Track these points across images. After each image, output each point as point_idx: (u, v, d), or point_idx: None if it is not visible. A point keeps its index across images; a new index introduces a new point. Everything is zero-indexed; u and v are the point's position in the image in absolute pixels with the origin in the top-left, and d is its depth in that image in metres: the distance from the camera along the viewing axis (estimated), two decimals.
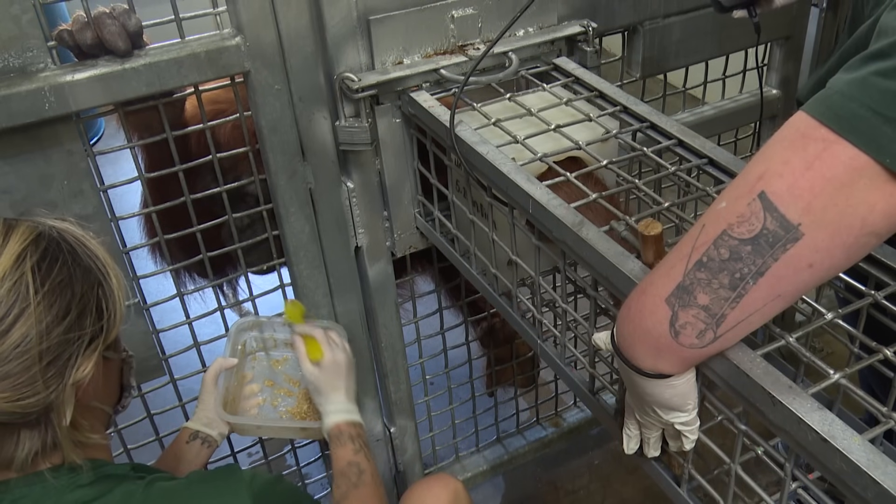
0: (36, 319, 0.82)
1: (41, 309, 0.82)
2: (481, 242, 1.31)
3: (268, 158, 1.34)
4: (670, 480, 1.02)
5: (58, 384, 0.85)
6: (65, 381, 0.85)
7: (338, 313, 1.57)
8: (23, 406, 0.82)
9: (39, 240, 0.86)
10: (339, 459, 1.24)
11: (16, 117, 1.10)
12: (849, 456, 0.68)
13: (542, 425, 2.13)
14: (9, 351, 0.80)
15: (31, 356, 0.81)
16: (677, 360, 0.80)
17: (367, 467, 1.24)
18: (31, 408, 0.83)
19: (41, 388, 0.83)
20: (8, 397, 0.81)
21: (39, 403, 0.83)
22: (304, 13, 1.25)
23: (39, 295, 0.83)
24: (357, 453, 1.25)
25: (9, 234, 0.85)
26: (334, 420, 1.29)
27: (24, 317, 0.81)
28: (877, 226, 0.69)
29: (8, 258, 0.83)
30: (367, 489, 1.22)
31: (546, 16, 1.46)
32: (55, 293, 0.84)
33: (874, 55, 0.70)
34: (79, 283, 0.88)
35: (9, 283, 0.81)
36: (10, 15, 1.07)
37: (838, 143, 0.68)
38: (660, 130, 1.20)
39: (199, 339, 1.51)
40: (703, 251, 0.74)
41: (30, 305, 0.82)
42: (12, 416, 0.82)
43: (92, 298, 0.89)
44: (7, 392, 0.81)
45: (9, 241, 0.84)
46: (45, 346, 0.82)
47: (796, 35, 1.86)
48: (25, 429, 0.85)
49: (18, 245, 0.84)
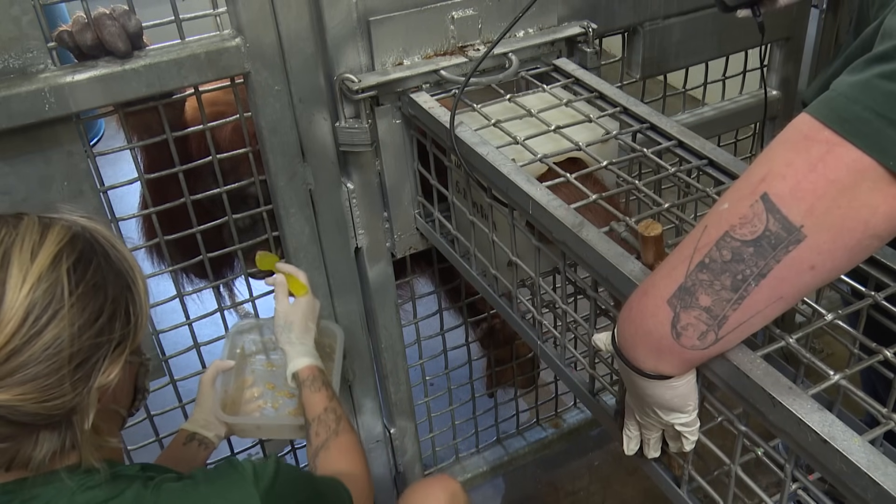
0: (69, 322, 0.81)
1: (74, 311, 0.82)
2: (481, 243, 1.31)
3: (268, 159, 1.34)
4: (670, 481, 1.02)
5: (84, 387, 0.84)
6: (91, 384, 0.85)
7: (338, 314, 1.57)
8: (48, 408, 0.82)
9: (75, 241, 0.86)
10: (315, 405, 1.20)
11: (16, 118, 1.10)
12: (849, 457, 0.68)
13: (542, 426, 2.13)
14: (39, 352, 0.80)
15: (61, 358, 0.81)
16: (679, 361, 0.80)
17: (342, 413, 1.20)
18: (56, 410, 0.82)
19: (68, 390, 0.82)
20: (34, 398, 0.80)
21: (64, 406, 0.83)
22: (304, 14, 1.25)
23: (73, 297, 0.82)
24: (332, 399, 1.21)
25: (45, 234, 0.84)
26: (307, 362, 1.23)
27: (57, 318, 0.81)
28: (879, 228, 0.69)
29: (45, 258, 0.82)
30: (347, 436, 1.18)
31: (546, 17, 1.46)
32: (89, 296, 0.84)
33: (878, 58, 0.70)
34: (111, 286, 0.87)
35: (45, 284, 0.81)
36: (11, 16, 1.07)
37: (842, 146, 0.67)
38: (660, 131, 1.20)
39: (199, 339, 1.51)
40: (706, 252, 0.74)
41: (63, 307, 0.81)
42: (35, 417, 0.82)
43: (122, 302, 0.88)
44: (34, 393, 0.80)
45: (45, 240, 0.84)
46: (75, 349, 0.82)
47: (796, 36, 1.86)
48: (46, 430, 0.85)
49: (55, 245, 0.84)
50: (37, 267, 0.82)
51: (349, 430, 1.20)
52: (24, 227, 0.85)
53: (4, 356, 0.79)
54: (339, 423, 1.19)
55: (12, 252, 0.82)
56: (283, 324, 1.27)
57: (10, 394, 0.79)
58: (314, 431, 1.19)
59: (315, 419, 1.19)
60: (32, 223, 0.85)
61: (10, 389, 0.79)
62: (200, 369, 1.52)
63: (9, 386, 0.79)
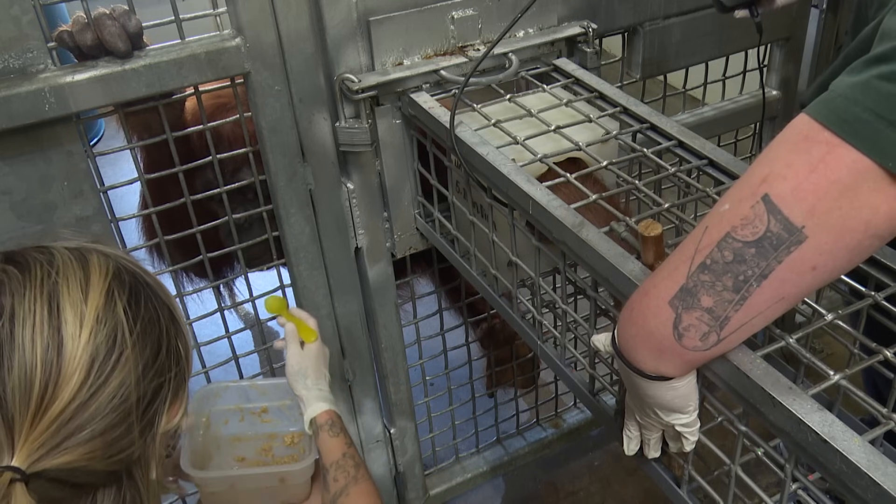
0: (133, 364, 0.73)
1: (136, 351, 0.74)
2: (481, 243, 1.31)
3: (268, 159, 1.34)
4: (670, 481, 1.02)
5: (150, 432, 0.76)
6: (155, 429, 0.77)
7: (338, 314, 1.57)
8: (113, 463, 0.72)
9: (121, 274, 0.77)
10: (333, 450, 1.16)
11: (16, 118, 1.10)
12: (849, 457, 0.68)
13: (542, 426, 2.13)
14: (106, 403, 0.70)
15: (128, 406, 0.72)
16: (680, 362, 0.80)
17: (360, 461, 1.19)
18: (119, 465, 0.73)
19: (136, 440, 0.73)
20: (100, 455, 0.70)
21: (128, 459, 0.74)
22: (304, 14, 1.25)
23: (134, 336, 0.74)
24: (350, 446, 1.19)
25: (87, 269, 0.75)
26: (324, 407, 1.19)
27: (122, 362, 0.72)
28: (880, 228, 0.69)
29: (98, 297, 0.73)
30: (366, 484, 1.16)
31: (546, 17, 1.46)
32: (147, 332, 0.76)
33: (877, 59, 0.70)
34: (162, 320, 0.79)
35: (106, 327, 0.72)
36: (11, 16, 1.07)
37: (842, 147, 0.68)
38: (660, 131, 1.20)
39: (199, 339, 1.51)
40: (707, 253, 0.74)
41: (126, 349, 0.72)
42: (97, 476, 0.72)
43: (172, 334, 0.80)
44: (101, 449, 0.70)
45: (90, 277, 0.74)
46: (141, 393, 0.74)
47: (796, 36, 1.86)
48: (103, 489, 0.74)
49: (103, 281, 0.75)
50: (92, 308, 0.72)
51: (367, 477, 1.17)
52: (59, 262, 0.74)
53: (71, 413, 0.68)
54: (359, 469, 1.16)
55: (60, 293, 0.71)
56: (296, 371, 1.24)
57: (75, 454, 0.69)
58: (332, 477, 1.15)
59: (333, 465, 1.16)
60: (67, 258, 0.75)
61: (76, 449, 0.69)
62: (200, 369, 1.52)
63: (74, 445, 0.69)
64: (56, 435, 0.68)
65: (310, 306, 1.52)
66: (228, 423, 1.34)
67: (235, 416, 1.35)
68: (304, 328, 1.28)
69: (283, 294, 1.55)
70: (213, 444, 1.32)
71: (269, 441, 1.35)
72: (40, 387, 0.67)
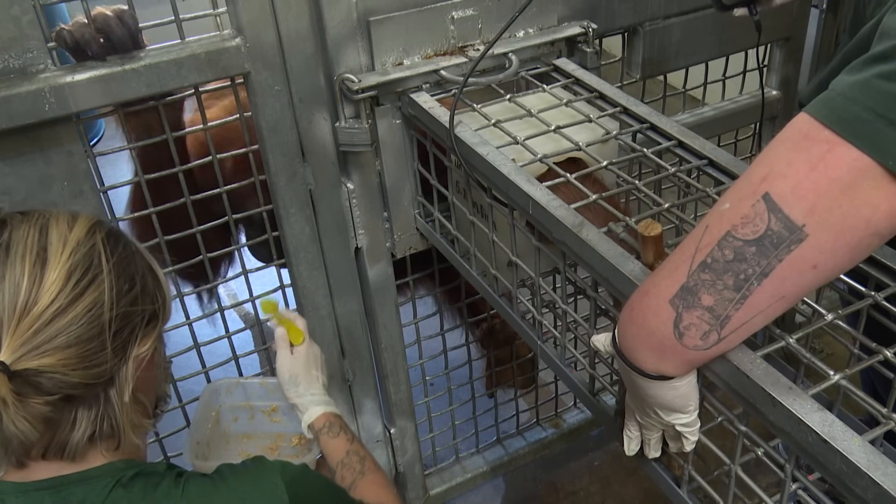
0: (108, 286, 0.84)
1: (112, 277, 0.85)
2: (481, 243, 1.31)
3: (268, 159, 1.34)
4: (670, 481, 1.02)
5: (122, 355, 0.87)
6: (129, 353, 0.87)
7: (338, 314, 1.57)
8: (89, 375, 0.83)
9: (102, 222, 0.90)
10: (337, 450, 1.18)
11: (16, 118, 1.10)
12: (849, 457, 0.68)
13: (542, 426, 2.13)
14: (82, 314, 0.82)
15: (101, 322, 0.83)
16: (681, 361, 0.80)
17: (366, 454, 1.19)
18: (97, 378, 0.84)
19: (108, 356, 0.84)
20: (75, 364, 0.82)
21: (105, 374, 0.85)
22: (304, 14, 1.25)
23: (111, 263, 0.86)
24: (352, 442, 1.20)
25: (76, 215, 0.89)
26: (320, 410, 1.21)
27: (96, 282, 0.84)
28: (880, 226, 0.69)
29: (81, 229, 0.86)
30: (374, 475, 1.17)
31: (546, 17, 1.46)
32: (123, 265, 0.88)
33: (876, 57, 0.70)
34: (139, 262, 0.91)
35: (84, 248, 0.85)
36: (11, 16, 1.07)
37: (842, 145, 0.68)
38: (660, 131, 1.20)
39: (199, 339, 1.51)
40: (708, 252, 0.74)
41: (102, 272, 0.85)
42: (76, 387, 0.83)
43: (150, 281, 0.92)
44: (76, 359, 0.82)
45: (77, 217, 0.88)
46: (114, 314, 0.85)
47: (796, 36, 1.86)
48: (83, 407, 0.86)
49: (87, 221, 0.88)
50: (74, 235, 0.85)
51: (375, 468, 1.18)
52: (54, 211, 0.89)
53: (49, 317, 0.80)
54: (364, 463, 1.17)
55: (49, 226, 0.85)
56: (287, 378, 1.24)
57: (53, 358, 0.80)
58: (339, 476, 1.17)
59: (339, 464, 1.17)
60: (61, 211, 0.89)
61: (54, 354, 0.80)
62: (200, 369, 1.52)
63: (52, 350, 0.80)
64: (36, 336, 0.80)
65: (310, 306, 1.52)
66: (238, 420, 1.35)
67: (245, 414, 1.36)
68: (292, 330, 1.27)
69: (283, 294, 1.56)
70: (221, 438, 1.32)
71: (276, 441, 1.35)
72: (25, 293, 0.80)
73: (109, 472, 0.89)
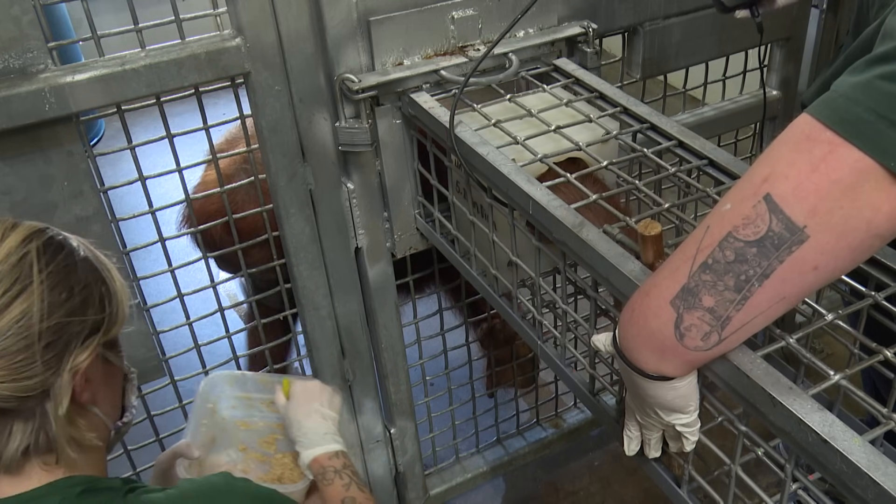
0: (38, 297, 0.81)
1: (44, 288, 0.82)
2: (481, 243, 1.31)
3: (268, 159, 1.34)
4: (670, 481, 1.01)
5: (56, 368, 0.83)
6: (63, 366, 0.84)
7: (338, 314, 1.57)
8: (19, 388, 0.80)
9: (45, 230, 0.87)
10: (332, 499, 1.15)
11: (16, 118, 1.10)
12: (849, 457, 0.68)
13: (543, 426, 2.13)
14: (9, 326, 0.80)
15: (31, 334, 0.81)
16: (681, 362, 0.80)
17: (362, 500, 1.16)
18: (28, 391, 0.81)
19: (39, 369, 0.81)
20: (5, 376, 0.79)
21: (37, 387, 0.82)
22: (304, 14, 1.25)
23: (43, 274, 0.83)
24: (348, 488, 1.16)
25: (16, 224, 0.86)
26: (312, 454, 1.18)
27: (25, 293, 0.81)
28: (882, 228, 0.69)
29: (14, 240, 0.84)
30: None
31: (546, 17, 1.46)
32: (59, 275, 0.84)
33: (879, 58, 0.70)
34: (83, 272, 0.88)
35: (14, 258, 0.82)
36: (11, 16, 1.07)
37: (843, 147, 0.68)
38: (660, 131, 1.20)
39: (199, 340, 1.51)
40: (708, 253, 0.74)
41: (32, 283, 0.82)
42: (8, 401, 0.80)
43: (95, 290, 0.88)
44: (4, 370, 0.79)
45: (15, 227, 0.85)
46: (44, 326, 0.82)
47: (796, 36, 1.86)
48: (19, 420, 0.83)
49: (24, 231, 0.85)
50: (6, 245, 0.83)
51: None
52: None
53: None
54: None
55: None
56: (286, 425, 1.25)
57: None
58: None
59: None
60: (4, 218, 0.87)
61: None
62: (200, 369, 1.52)
63: None
64: None
65: (310, 306, 1.52)
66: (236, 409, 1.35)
67: (243, 403, 1.36)
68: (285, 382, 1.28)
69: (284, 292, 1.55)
70: (218, 426, 1.32)
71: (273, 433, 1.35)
72: None
73: (53, 490, 0.86)
